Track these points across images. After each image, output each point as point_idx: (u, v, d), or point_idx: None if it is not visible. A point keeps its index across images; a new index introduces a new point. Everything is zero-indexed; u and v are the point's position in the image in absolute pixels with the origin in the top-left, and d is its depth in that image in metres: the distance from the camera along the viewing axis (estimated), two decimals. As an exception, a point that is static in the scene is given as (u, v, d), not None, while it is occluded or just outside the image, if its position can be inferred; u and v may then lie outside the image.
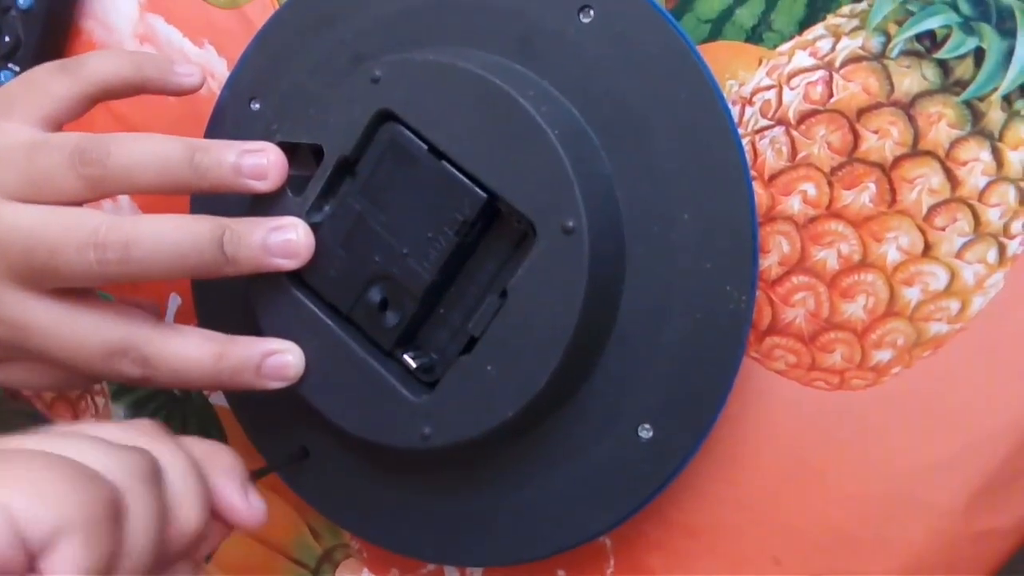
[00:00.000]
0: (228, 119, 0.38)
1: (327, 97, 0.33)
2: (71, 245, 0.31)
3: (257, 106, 0.37)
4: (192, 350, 0.32)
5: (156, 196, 0.34)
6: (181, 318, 0.43)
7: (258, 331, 0.34)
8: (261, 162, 0.33)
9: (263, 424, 0.38)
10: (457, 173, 0.31)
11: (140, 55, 0.36)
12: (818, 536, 0.33)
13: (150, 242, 0.31)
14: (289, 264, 0.33)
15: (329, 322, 0.33)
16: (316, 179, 0.33)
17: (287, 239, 0.32)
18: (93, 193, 0.32)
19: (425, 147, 0.32)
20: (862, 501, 0.33)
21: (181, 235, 0.31)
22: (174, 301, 0.43)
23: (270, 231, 0.32)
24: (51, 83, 0.34)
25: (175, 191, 0.32)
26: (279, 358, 0.33)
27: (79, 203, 0.32)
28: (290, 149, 0.34)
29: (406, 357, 0.33)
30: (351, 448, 0.36)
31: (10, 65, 0.43)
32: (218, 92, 0.38)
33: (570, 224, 0.30)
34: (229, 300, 0.36)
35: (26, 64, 0.42)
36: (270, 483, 0.42)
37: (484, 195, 0.31)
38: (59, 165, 0.31)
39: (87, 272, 0.31)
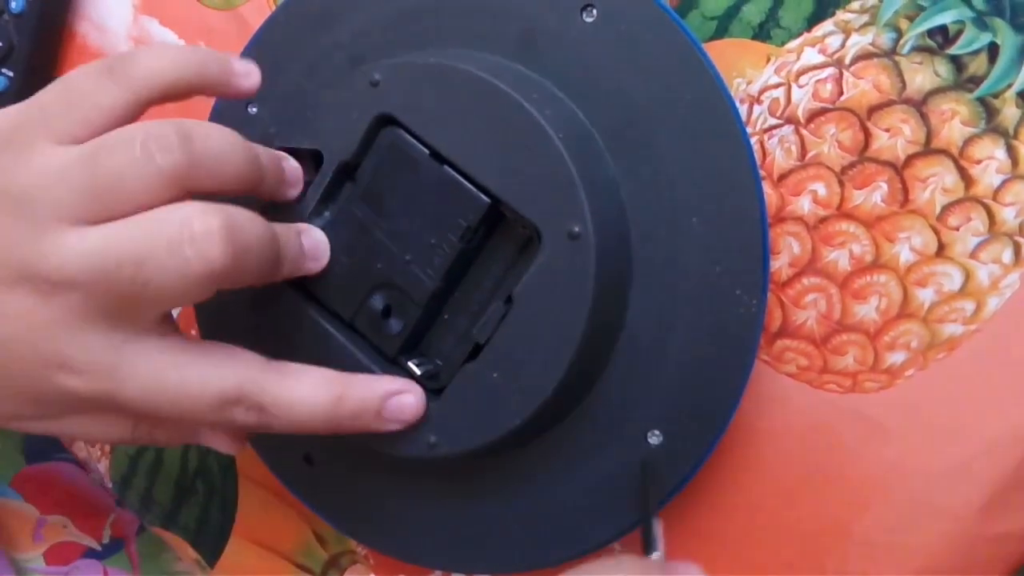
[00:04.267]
0: (226, 123, 0.36)
1: (325, 101, 0.33)
2: (160, 246, 0.25)
3: (255, 110, 0.36)
4: (310, 394, 0.29)
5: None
6: (180, 324, 0.42)
7: (260, 341, 0.33)
8: (294, 170, 0.32)
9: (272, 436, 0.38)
10: (459, 178, 0.31)
11: (199, 52, 0.30)
12: (831, 541, 0.33)
13: (249, 232, 0.27)
14: (317, 267, 0.32)
15: (332, 330, 0.33)
16: (316, 185, 0.33)
17: (315, 241, 0.32)
18: (177, 190, 0.27)
19: (426, 151, 0.31)
20: (876, 505, 0.32)
21: (264, 228, 0.28)
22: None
23: (299, 234, 0.31)
24: (97, 92, 0.28)
25: (244, 190, 0.29)
26: (401, 400, 0.31)
27: (150, 207, 0.27)
28: (290, 154, 0.33)
29: (410, 364, 0.33)
30: (356, 456, 0.35)
31: (3, 70, 0.42)
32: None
33: (576, 229, 0.29)
34: (228, 308, 0.36)
35: (19, 69, 0.42)
36: (275, 490, 0.42)
37: (487, 200, 0.30)
38: (130, 164, 0.26)
39: (184, 274, 0.26)
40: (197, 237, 0.26)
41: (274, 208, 0.33)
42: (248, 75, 0.31)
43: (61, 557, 0.51)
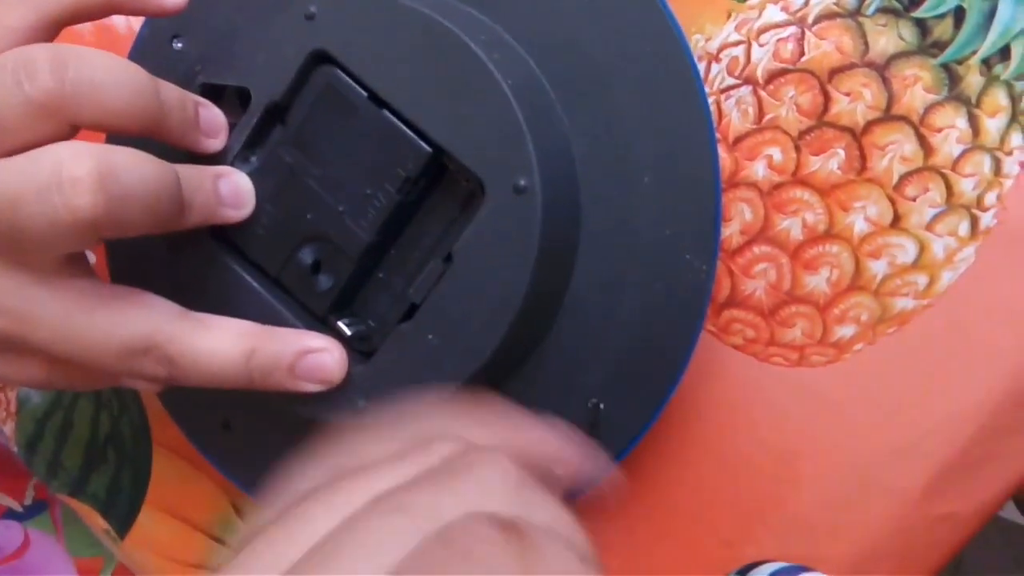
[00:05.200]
0: (148, 59, 0.34)
1: (255, 35, 0.30)
2: (31, 191, 0.24)
3: (180, 45, 0.34)
4: (220, 347, 0.28)
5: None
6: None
7: (178, 290, 0.31)
8: (215, 118, 0.29)
9: (183, 395, 0.35)
10: (400, 124, 0.29)
11: None
12: (772, 519, 0.32)
13: (130, 177, 0.25)
14: (238, 215, 0.30)
15: (255, 285, 0.31)
16: (242, 126, 0.30)
17: (236, 187, 0.30)
18: (52, 121, 0.25)
19: (365, 94, 0.29)
20: (820, 484, 0.32)
21: (155, 172, 0.25)
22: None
23: (217, 178, 0.29)
24: (3, 12, 0.27)
25: (138, 129, 0.26)
26: (318, 358, 0.29)
27: (35, 143, 0.25)
28: (214, 93, 0.31)
29: (340, 324, 0.31)
30: (277, 421, 0.33)
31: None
32: (137, 29, 0.35)
33: (522, 183, 0.27)
34: (145, 249, 0.33)
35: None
36: (192, 459, 0.39)
37: (429, 149, 0.29)
38: (3, 90, 0.25)
39: (53, 222, 0.24)
40: (64, 183, 0.24)
41: (194, 158, 0.30)
42: None
43: (-22, 516, 0.48)
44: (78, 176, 0.24)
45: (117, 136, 0.27)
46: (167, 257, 0.32)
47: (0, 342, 0.28)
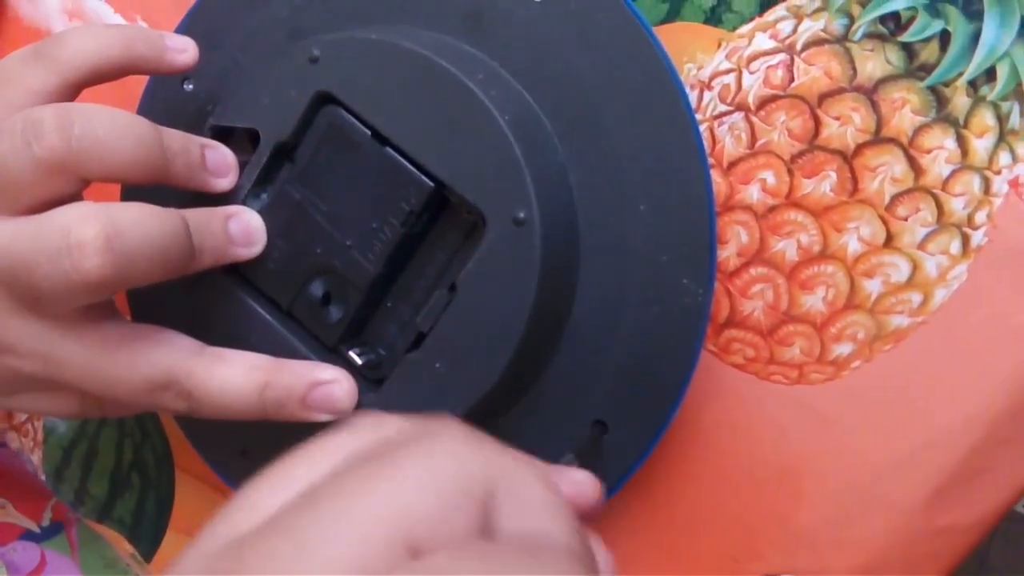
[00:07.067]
0: (160, 101, 0.35)
1: (262, 77, 0.31)
2: (43, 254, 0.26)
3: (191, 87, 0.35)
4: (234, 381, 0.29)
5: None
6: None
7: (196, 326, 0.32)
8: (222, 158, 0.30)
9: (202, 424, 0.37)
10: (402, 160, 0.30)
11: (127, 30, 0.30)
12: (776, 534, 0.33)
13: (136, 235, 0.26)
14: (249, 253, 0.31)
15: (269, 318, 0.32)
16: (252, 165, 0.31)
17: (246, 226, 0.31)
18: (60, 178, 0.26)
19: (368, 132, 0.30)
20: (822, 498, 0.32)
21: (161, 225, 0.26)
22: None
23: (227, 219, 0.30)
24: (25, 76, 0.28)
25: (145, 178, 0.28)
26: (328, 389, 0.30)
27: (50, 199, 0.27)
28: (224, 133, 0.32)
29: (351, 354, 0.32)
30: (293, 448, 0.34)
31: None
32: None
33: (521, 215, 0.28)
34: (161, 296, 0.34)
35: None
36: (214, 484, 0.40)
37: (431, 184, 0.29)
38: (11, 153, 0.26)
39: (66, 284, 0.26)
40: (73, 249, 0.25)
41: (208, 197, 0.31)
42: (183, 51, 0.31)
43: (-2, 537, 0.49)
44: (85, 240, 0.25)
45: (131, 186, 0.28)
46: (183, 293, 0.33)
47: (36, 382, 0.29)
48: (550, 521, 0.17)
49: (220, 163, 0.31)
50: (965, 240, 0.31)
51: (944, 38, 0.31)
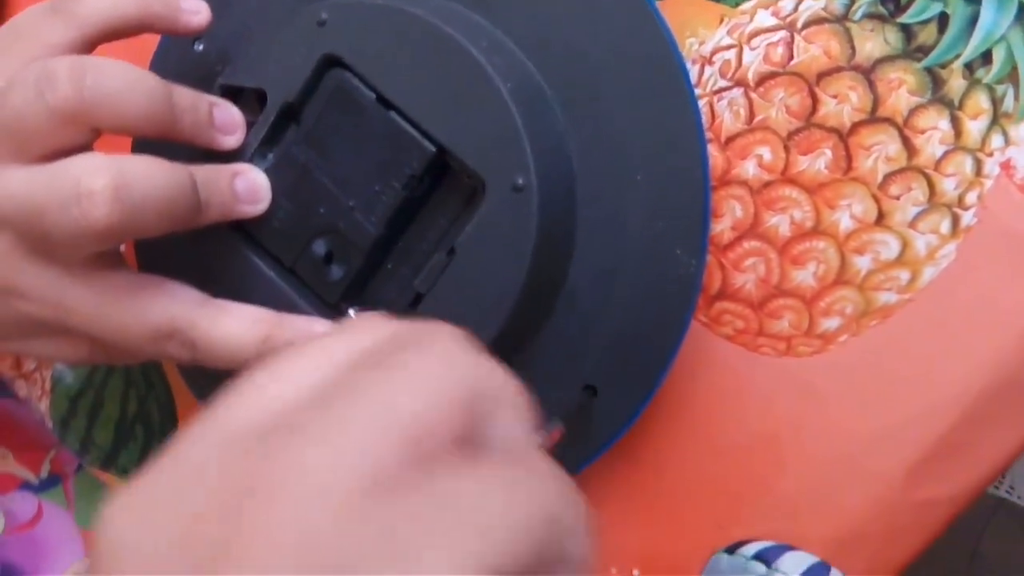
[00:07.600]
0: (171, 60, 0.36)
1: (271, 39, 0.32)
2: (55, 201, 0.26)
3: (201, 47, 0.35)
4: (237, 332, 0.30)
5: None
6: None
7: (202, 279, 0.33)
8: (230, 116, 0.31)
9: (204, 376, 0.37)
10: (405, 124, 0.30)
11: None
12: (760, 501, 0.33)
13: (144, 187, 0.27)
14: (254, 210, 0.31)
15: (272, 274, 0.32)
16: (259, 125, 0.32)
17: (252, 184, 0.31)
18: (73, 128, 0.27)
19: (373, 96, 0.31)
20: (805, 467, 0.33)
21: (168, 178, 0.27)
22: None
23: (234, 176, 0.31)
24: (43, 31, 0.29)
25: (154, 132, 0.28)
26: None
27: (61, 148, 0.28)
28: (233, 93, 0.32)
29: (351, 312, 0.32)
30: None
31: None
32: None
33: (520, 182, 0.29)
34: (169, 248, 0.35)
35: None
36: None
37: (433, 148, 0.30)
38: (24, 103, 0.27)
39: (75, 231, 0.27)
40: (83, 198, 0.26)
41: (216, 154, 0.32)
42: (196, 12, 0.31)
43: (-3, 486, 0.51)
44: (95, 190, 0.26)
45: (141, 139, 0.29)
46: (190, 247, 0.33)
47: (46, 327, 0.30)
48: (529, 435, 0.19)
49: (228, 121, 0.31)
50: (955, 220, 0.31)
51: (942, 20, 0.31)
